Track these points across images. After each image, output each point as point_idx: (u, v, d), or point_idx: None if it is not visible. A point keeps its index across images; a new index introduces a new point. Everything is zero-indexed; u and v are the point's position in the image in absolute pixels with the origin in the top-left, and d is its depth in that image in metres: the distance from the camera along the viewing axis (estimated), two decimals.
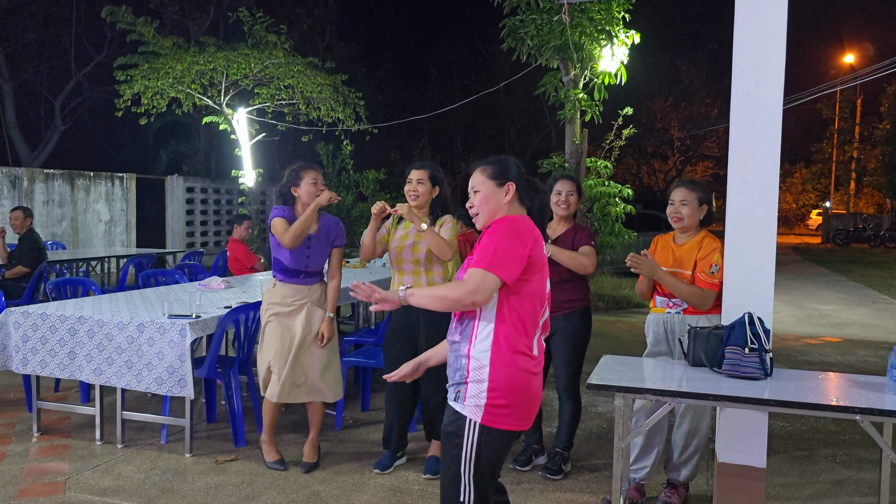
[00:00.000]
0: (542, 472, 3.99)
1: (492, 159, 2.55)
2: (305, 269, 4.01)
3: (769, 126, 3.21)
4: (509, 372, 2.32)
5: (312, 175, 3.97)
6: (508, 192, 2.47)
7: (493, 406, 2.31)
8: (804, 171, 41.31)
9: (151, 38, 12.18)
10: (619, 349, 7.19)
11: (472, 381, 2.34)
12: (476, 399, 2.33)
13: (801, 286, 13.91)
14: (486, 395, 2.31)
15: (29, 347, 4.35)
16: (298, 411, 4.80)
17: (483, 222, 2.49)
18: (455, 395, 2.39)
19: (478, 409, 2.32)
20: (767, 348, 2.99)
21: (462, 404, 2.35)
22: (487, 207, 2.47)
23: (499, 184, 2.47)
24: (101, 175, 14.37)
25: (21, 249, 7.28)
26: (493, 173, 2.48)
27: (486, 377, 2.32)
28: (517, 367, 2.33)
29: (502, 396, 2.31)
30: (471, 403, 2.33)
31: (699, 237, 3.64)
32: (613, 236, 9.97)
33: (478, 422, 2.32)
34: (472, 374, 2.34)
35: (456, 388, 2.39)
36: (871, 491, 3.88)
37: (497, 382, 2.31)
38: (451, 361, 2.45)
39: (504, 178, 2.47)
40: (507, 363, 2.32)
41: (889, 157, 29.74)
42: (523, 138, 26.46)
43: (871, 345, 8.13)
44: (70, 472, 3.98)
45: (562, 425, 4.07)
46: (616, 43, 9.46)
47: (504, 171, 2.49)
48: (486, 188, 2.48)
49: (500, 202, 2.46)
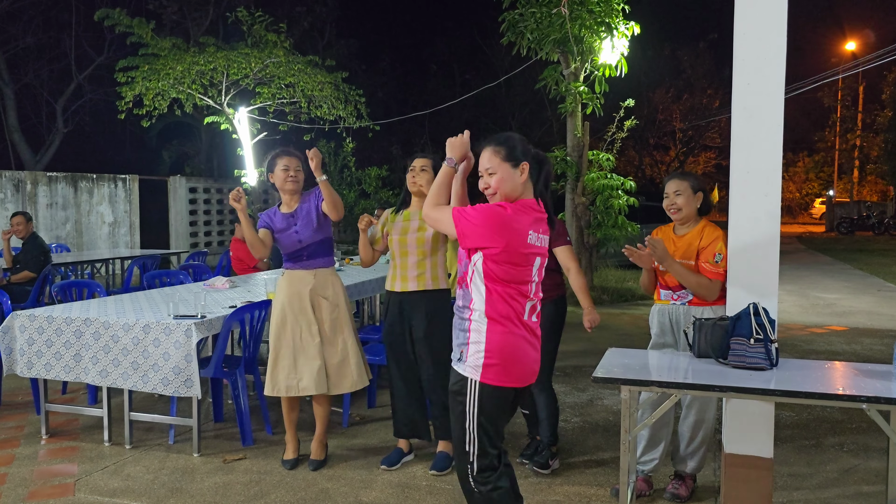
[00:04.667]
0: (531, 466, 4.00)
1: (501, 139, 2.67)
2: (300, 245, 4.02)
3: (771, 115, 3.20)
4: (502, 336, 2.57)
5: (284, 161, 4.00)
6: (524, 171, 2.63)
7: (489, 365, 2.56)
8: (807, 160, 41.23)
9: (150, 39, 12.19)
10: (624, 342, 7.19)
11: (472, 343, 2.59)
12: (475, 359, 2.58)
13: (806, 275, 13.89)
14: (483, 356, 2.57)
15: (34, 350, 4.37)
16: (305, 409, 4.81)
17: (499, 200, 2.64)
18: (459, 355, 2.65)
19: (476, 368, 2.58)
20: (773, 338, 2.98)
21: (464, 365, 2.62)
22: (505, 188, 2.62)
23: (514, 165, 2.62)
24: (103, 177, 14.40)
25: (26, 253, 7.31)
26: (507, 155, 2.62)
27: (483, 339, 2.57)
28: (509, 331, 2.57)
29: (496, 357, 2.56)
30: (471, 364, 2.59)
31: (699, 226, 3.63)
32: (617, 229, 9.96)
33: (477, 380, 2.58)
34: (472, 335, 2.60)
35: (459, 348, 2.65)
36: (878, 479, 3.88)
37: (492, 344, 2.56)
38: (456, 324, 2.70)
39: (518, 159, 2.62)
40: (500, 327, 2.57)
41: (892, 145, 29.64)
42: (525, 132, 26.37)
43: (877, 333, 8.12)
44: (79, 474, 4.00)
45: (541, 421, 4.07)
46: (616, 35, 9.44)
47: (517, 152, 2.63)
48: (503, 171, 2.61)
49: (517, 182, 2.62)
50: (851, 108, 34.65)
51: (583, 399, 5.43)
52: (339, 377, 4.04)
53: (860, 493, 3.74)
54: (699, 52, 30.78)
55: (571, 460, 4.18)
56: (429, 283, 3.92)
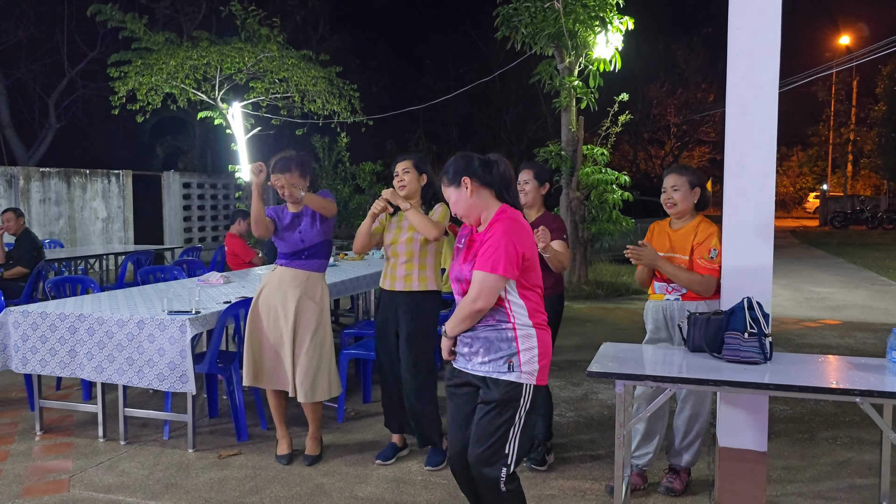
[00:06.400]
0: (527, 463, 4.00)
1: (447, 165, 2.82)
2: (303, 244, 4.03)
3: (765, 110, 3.20)
4: (543, 334, 2.67)
5: (273, 179, 3.92)
6: (467, 186, 2.69)
7: (543, 367, 2.66)
8: (801, 155, 41.28)
9: (143, 33, 12.13)
10: (619, 336, 7.20)
11: (524, 350, 2.62)
12: (530, 365, 2.62)
13: (800, 269, 13.93)
14: (538, 359, 2.63)
15: (29, 346, 4.35)
16: (298, 406, 4.80)
17: (471, 222, 2.75)
18: (508, 366, 2.62)
19: (532, 374, 2.63)
20: (767, 333, 2.99)
21: (519, 372, 2.62)
22: (461, 208, 2.73)
23: (456, 185, 2.71)
24: (97, 172, 14.33)
25: (19, 249, 7.27)
26: (449, 179, 2.74)
27: (535, 343, 2.63)
28: (544, 328, 2.68)
29: (545, 356, 2.66)
30: (527, 370, 2.62)
31: (695, 222, 3.64)
32: (611, 223, 9.98)
33: (532, 384, 2.63)
34: (522, 342, 2.62)
35: (506, 360, 2.62)
36: (871, 472, 3.90)
37: (542, 346, 2.65)
38: (493, 339, 2.64)
39: (457, 178, 2.71)
40: (540, 327, 2.66)
41: (886, 139, 29.71)
42: (519, 127, 26.44)
43: (870, 327, 8.15)
44: (74, 470, 3.99)
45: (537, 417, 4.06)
46: (610, 29, 9.44)
47: (455, 171, 2.72)
48: (452, 195, 2.74)
49: (467, 198, 2.70)
50: (845, 103, 34.70)
51: (577, 393, 5.44)
52: (316, 384, 4.00)
53: (853, 485, 3.77)
54: (693, 47, 30.79)
55: (566, 455, 4.20)
56: (415, 284, 3.92)
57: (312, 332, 3.98)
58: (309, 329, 3.98)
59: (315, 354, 3.98)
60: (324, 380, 4.03)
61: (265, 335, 4.02)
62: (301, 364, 3.95)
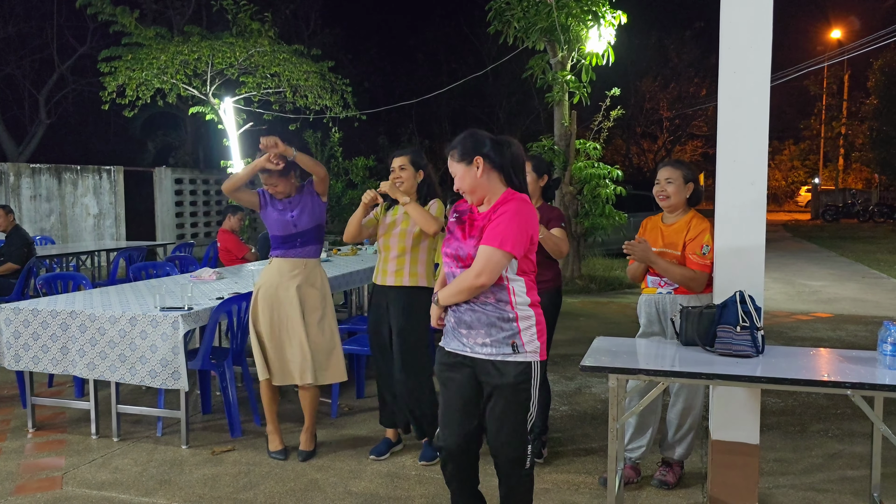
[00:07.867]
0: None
1: (457, 140, 2.73)
2: (295, 229, 4.02)
3: (757, 104, 3.21)
4: (537, 311, 2.72)
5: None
6: (478, 166, 2.66)
7: (543, 343, 2.71)
8: (793, 148, 41.42)
9: (133, 28, 12.04)
10: (612, 330, 7.22)
11: (525, 329, 2.66)
12: (532, 343, 2.67)
13: (792, 263, 13.99)
14: (537, 335, 2.68)
15: (21, 344, 4.33)
16: (294, 400, 4.80)
17: (473, 201, 2.73)
18: (512, 348, 2.64)
19: (536, 351, 2.68)
20: (759, 326, 3.00)
21: (524, 353, 2.65)
22: (467, 186, 2.69)
23: (467, 163, 2.67)
24: (88, 168, 14.24)
25: (9, 246, 7.23)
26: (460, 155, 2.69)
27: (533, 321, 2.68)
28: (537, 306, 2.73)
29: (542, 333, 2.71)
30: (530, 349, 2.66)
31: (687, 217, 3.64)
32: (604, 218, 9.99)
33: (537, 360, 2.68)
34: (522, 322, 2.66)
35: (509, 341, 2.64)
36: (862, 464, 3.92)
37: (540, 323, 2.71)
38: (494, 322, 2.65)
39: (469, 156, 2.67)
40: (535, 306, 2.71)
41: (877, 133, 29.78)
42: (512, 121, 26.39)
43: (862, 320, 8.20)
44: (67, 467, 3.98)
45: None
46: (603, 23, 9.43)
47: (467, 149, 2.68)
48: (459, 170, 2.70)
49: (476, 178, 2.67)
50: (837, 97, 34.79)
51: (571, 387, 5.45)
52: (326, 367, 4.05)
53: (845, 477, 3.79)
54: (686, 41, 30.79)
55: (560, 448, 4.21)
56: (405, 279, 3.92)
57: (319, 318, 4.03)
58: (315, 315, 4.01)
59: (325, 338, 4.03)
60: (333, 363, 4.07)
61: (271, 330, 4.00)
62: (312, 347, 3.98)
